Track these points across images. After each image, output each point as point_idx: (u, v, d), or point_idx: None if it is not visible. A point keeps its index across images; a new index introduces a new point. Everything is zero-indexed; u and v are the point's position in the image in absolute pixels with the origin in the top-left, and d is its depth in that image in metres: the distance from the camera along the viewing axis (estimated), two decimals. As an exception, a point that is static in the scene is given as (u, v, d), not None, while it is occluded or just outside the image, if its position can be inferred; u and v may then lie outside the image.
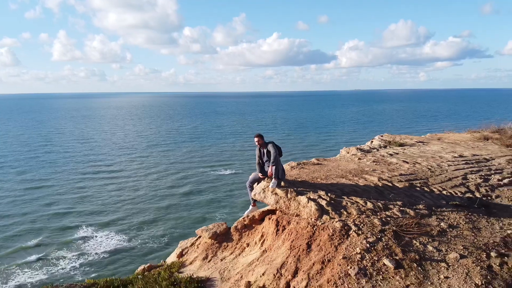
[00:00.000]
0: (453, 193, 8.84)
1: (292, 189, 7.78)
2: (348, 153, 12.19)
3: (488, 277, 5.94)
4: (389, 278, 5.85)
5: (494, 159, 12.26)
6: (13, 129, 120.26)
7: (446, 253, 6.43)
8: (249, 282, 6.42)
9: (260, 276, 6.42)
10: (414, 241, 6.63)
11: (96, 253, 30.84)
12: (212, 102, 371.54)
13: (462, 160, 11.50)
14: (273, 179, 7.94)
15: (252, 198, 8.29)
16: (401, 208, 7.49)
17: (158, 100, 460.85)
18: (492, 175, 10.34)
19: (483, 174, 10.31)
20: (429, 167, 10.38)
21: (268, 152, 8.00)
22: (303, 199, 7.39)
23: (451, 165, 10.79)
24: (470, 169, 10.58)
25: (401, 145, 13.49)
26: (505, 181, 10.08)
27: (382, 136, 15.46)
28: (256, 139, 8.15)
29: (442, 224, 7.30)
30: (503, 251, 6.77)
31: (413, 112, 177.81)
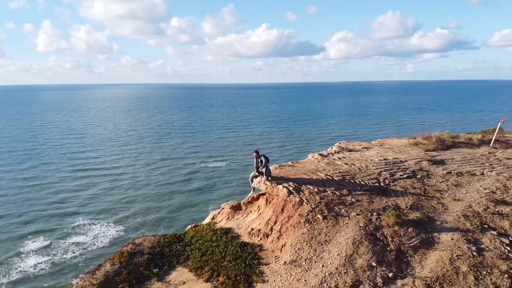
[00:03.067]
0: (367, 183, 15.29)
1: (274, 182, 14.11)
2: (313, 157, 18.55)
3: (367, 222, 12.38)
4: (319, 223, 12.24)
5: (407, 161, 18.77)
6: (3, 123, 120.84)
7: (350, 212, 12.84)
8: (252, 228, 12.79)
9: (258, 225, 12.80)
10: (335, 207, 13.03)
11: (94, 244, 32.38)
12: (202, 94, 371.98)
13: (384, 162, 17.97)
14: (264, 176, 14.27)
15: (253, 187, 14.66)
16: (332, 191, 13.90)
17: (147, 92, 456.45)
18: (398, 172, 16.83)
19: (392, 172, 16.79)
20: (360, 167, 16.83)
21: (261, 161, 14.31)
22: (280, 186, 13.74)
23: (374, 165, 17.25)
24: (385, 168, 17.06)
25: (350, 151, 19.90)
26: (405, 176, 16.58)
27: (340, 143, 21.86)
28: (255, 154, 14.45)
29: (353, 199, 13.72)
30: (381, 212, 13.22)
31: (401, 105, 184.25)
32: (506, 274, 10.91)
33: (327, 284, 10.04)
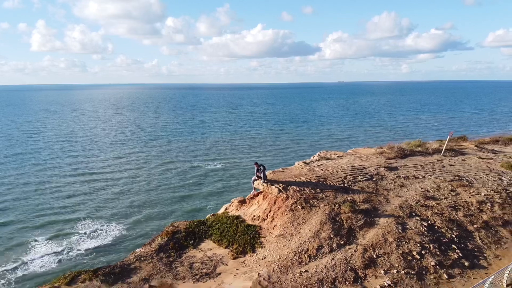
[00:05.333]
0: (335, 184, 21.45)
1: (269, 183, 20.21)
2: (298, 164, 24.67)
3: (331, 211, 18.52)
4: (299, 211, 18.35)
5: (369, 167, 24.94)
6: (2, 124, 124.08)
7: (320, 204, 18.95)
8: (254, 215, 18.95)
9: (258, 213, 18.96)
10: (310, 201, 19.13)
11: (98, 242, 34.22)
12: (197, 94, 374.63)
13: (350, 169, 24.13)
14: (262, 180, 20.35)
15: (254, 187, 20.76)
16: (309, 190, 20.06)
17: (142, 92, 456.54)
18: (359, 176, 22.99)
19: (355, 176, 22.94)
20: (331, 173, 22.99)
21: (260, 169, 20.41)
22: (273, 187, 19.85)
23: (343, 171, 23.42)
24: (351, 173, 23.23)
25: (327, 159, 26.03)
26: (364, 179, 22.72)
27: (320, 153, 28.01)
28: (255, 164, 20.54)
29: (323, 195, 19.85)
30: (341, 204, 19.34)
31: (397, 106, 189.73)
32: (418, 244, 17.12)
33: (301, 247, 16.18)
